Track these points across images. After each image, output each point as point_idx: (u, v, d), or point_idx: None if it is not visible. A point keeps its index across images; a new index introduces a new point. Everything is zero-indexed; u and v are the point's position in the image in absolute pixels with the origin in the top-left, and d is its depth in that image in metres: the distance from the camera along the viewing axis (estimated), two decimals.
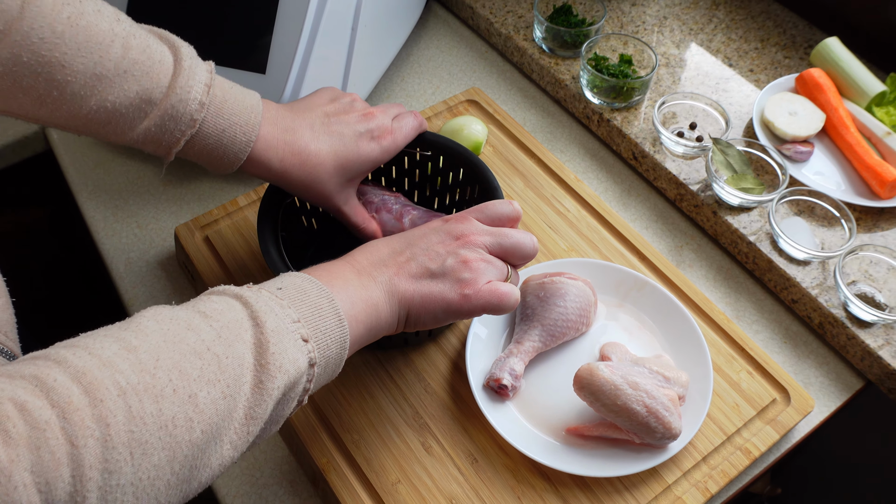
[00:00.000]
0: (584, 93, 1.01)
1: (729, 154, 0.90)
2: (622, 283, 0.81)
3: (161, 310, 0.47)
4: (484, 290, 0.59)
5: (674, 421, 0.67)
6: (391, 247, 0.61)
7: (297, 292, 0.53)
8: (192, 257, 0.83)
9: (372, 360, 0.76)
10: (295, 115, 0.69)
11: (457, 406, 0.74)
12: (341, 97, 0.72)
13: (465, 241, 0.61)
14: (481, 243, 0.61)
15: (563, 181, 0.92)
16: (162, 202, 0.93)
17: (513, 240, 0.62)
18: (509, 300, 0.60)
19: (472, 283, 0.59)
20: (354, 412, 0.73)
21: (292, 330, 0.50)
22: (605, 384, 0.67)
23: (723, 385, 0.76)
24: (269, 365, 0.48)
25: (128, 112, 0.61)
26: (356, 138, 0.69)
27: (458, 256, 0.60)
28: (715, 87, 1.03)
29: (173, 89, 0.62)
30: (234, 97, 0.65)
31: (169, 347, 0.44)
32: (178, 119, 0.62)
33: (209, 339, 0.46)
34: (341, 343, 0.54)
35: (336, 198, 0.71)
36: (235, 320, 0.48)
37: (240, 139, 0.65)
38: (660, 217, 0.94)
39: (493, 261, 0.61)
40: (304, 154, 0.67)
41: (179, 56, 0.63)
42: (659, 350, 0.77)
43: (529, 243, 0.63)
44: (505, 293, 0.60)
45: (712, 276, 0.88)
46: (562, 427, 0.71)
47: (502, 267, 0.62)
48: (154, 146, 0.64)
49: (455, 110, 0.99)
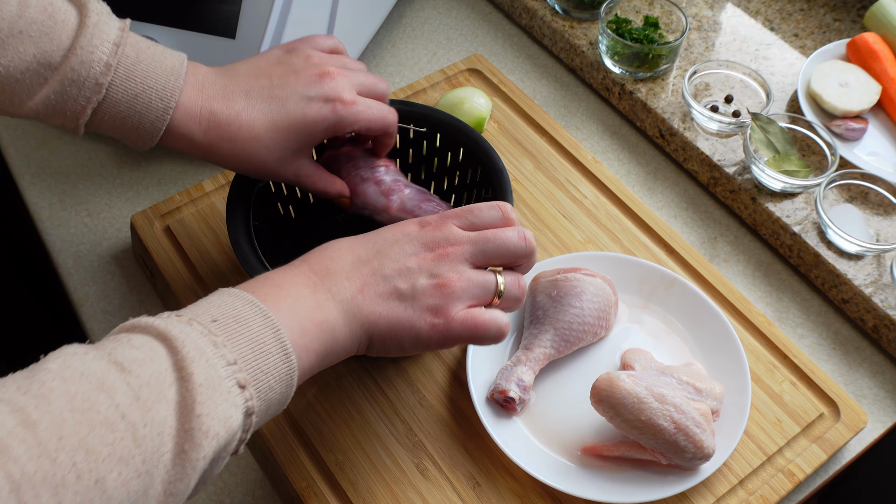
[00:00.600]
0: (603, 61, 1.01)
1: (770, 132, 0.90)
2: (647, 281, 0.80)
3: (71, 360, 0.45)
4: (457, 319, 0.58)
5: (706, 439, 0.67)
6: (356, 253, 0.59)
7: (236, 323, 0.51)
8: (151, 250, 0.82)
9: (358, 368, 0.76)
10: (229, 79, 0.67)
11: (456, 422, 0.73)
12: (294, 54, 0.69)
13: (442, 255, 0.59)
14: (461, 256, 0.59)
15: (578, 163, 0.92)
16: (116, 187, 0.93)
17: (497, 241, 0.60)
18: (488, 332, 0.58)
19: (444, 311, 0.58)
20: (338, 429, 0.72)
21: (226, 376, 0.48)
22: (626, 397, 0.66)
23: (762, 398, 0.76)
24: (195, 431, 0.46)
25: (23, 77, 0.61)
26: (303, 102, 0.66)
27: (431, 275, 0.58)
28: (754, 55, 1.02)
29: (74, 50, 0.61)
30: (151, 57, 0.64)
31: (75, 419, 0.42)
32: (80, 84, 0.62)
33: (125, 402, 0.44)
34: (287, 381, 0.52)
35: (283, 172, 0.69)
36: (157, 373, 0.46)
37: (156, 105, 0.64)
38: (690, 204, 0.94)
39: (473, 277, 0.59)
40: (234, 126, 0.65)
41: (86, 12, 0.62)
42: (689, 358, 0.77)
43: (518, 240, 0.60)
44: (482, 324, 0.58)
45: (751, 272, 0.88)
46: (577, 446, 0.71)
47: (487, 282, 0.60)
48: (59, 117, 0.63)
49: (454, 81, 0.99)
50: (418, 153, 0.82)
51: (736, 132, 0.94)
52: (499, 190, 0.74)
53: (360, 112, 0.68)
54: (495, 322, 0.59)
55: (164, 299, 0.83)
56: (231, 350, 0.50)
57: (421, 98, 0.97)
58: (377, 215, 0.78)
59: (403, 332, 0.58)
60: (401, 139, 0.81)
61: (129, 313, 0.83)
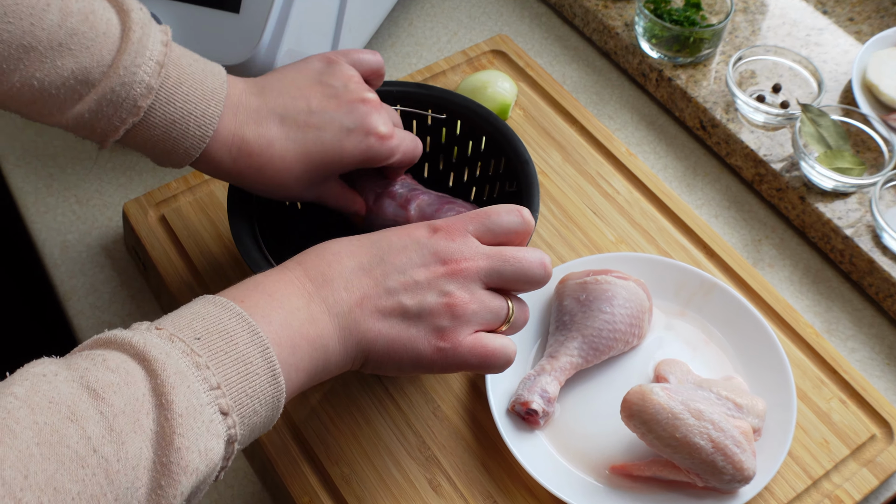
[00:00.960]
0: (639, 44, 1.01)
1: (821, 125, 0.90)
2: (684, 286, 0.80)
3: (39, 385, 0.44)
4: (465, 345, 0.57)
5: (746, 459, 0.67)
6: (357, 258, 0.58)
7: (221, 339, 0.50)
8: (145, 241, 0.83)
9: (367, 374, 0.76)
10: (264, 99, 0.67)
11: (473, 435, 0.73)
12: (334, 73, 0.69)
13: (455, 270, 0.58)
14: (475, 273, 0.58)
15: (611, 155, 0.92)
16: (108, 172, 0.93)
17: (516, 265, 0.59)
18: (497, 360, 0.58)
19: (452, 335, 0.57)
20: (345, 440, 0.72)
21: (208, 403, 0.48)
22: (660, 412, 0.66)
23: (809, 416, 0.75)
24: (173, 465, 0.45)
25: (59, 93, 0.61)
26: (342, 134, 0.67)
27: (442, 292, 0.57)
28: (805, 40, 1.02)
29: (116, 69, 0.61)
30: (192, 78, 0.64)
31: (43, 454, 0.41)
32: (118, 105, 0.62)
33: (97, 434, 0.43)
34: (274, 404, 0.52)
35: (307, 195, 0.70)
36: (133, 400, 0.45)
37: (193, 133, 0.64)
38: (733, 203, 0.94)
39: (486, 301, 0.58)
40: (266, 156, 0.66)
41: (128, 24, 0.62)
42: (729, 370, 0.77)
43: (538, 267, 0.59)
44: (493, 353, 0.58)
45: (797, 278, 0.88)
46: (605, 465, 0.71)
47: (499, 308, 0.59)
48: (87, 131, 0.63)
49: (476, 63, 0.99)
50: (436, 141, 0.82)
51: (784, 125, 0.94)
52: (524, 183, 0.74)
53: (395, 147, 0.69)
54: (505, 351, 0.58)
55: (158, 294, 0.84)
56: (215, 372, 0.49)
57: (440, 81, 0.97)
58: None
59: (403, 354, 0.57)
60: (418, 126, 0.81)
61: (119, 309, 0.83)
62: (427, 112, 0.80)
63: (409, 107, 0.80)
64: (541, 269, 0.60)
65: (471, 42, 1.06)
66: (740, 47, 1.01)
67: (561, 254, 0.84)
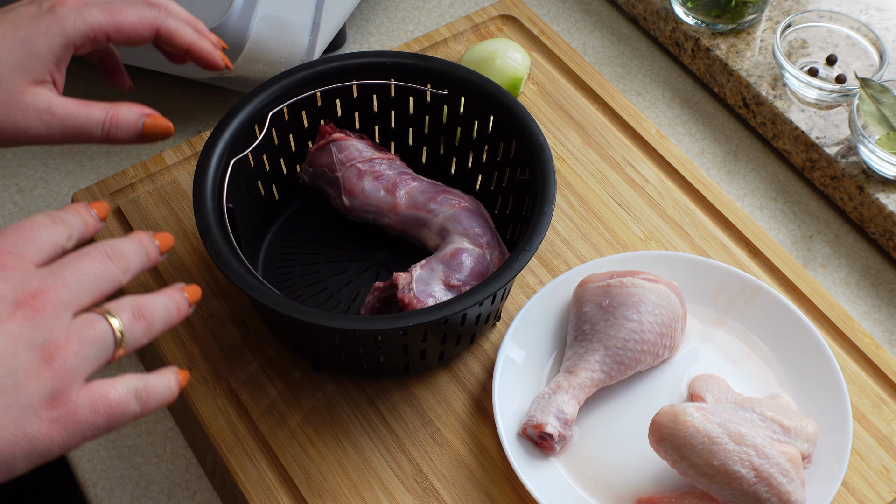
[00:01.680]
0: (673, 8, 1.01)
1: (883, 102, 0.90)
2: (724, 289, 0.81)
3: None
4: (82, 405, 0.49)
5: (794, 490, 0.67)
6: None
7: None
8: (97, 237, 0.83)
9: (355, 391, 0.77)
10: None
11: (478, 462, 0.74)
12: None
13: (37, 309, 0.49)
14: (58, 303, 0.50)
15: (639, 137, 0.92)
16: (54, 157, 0.93)
17: (84, 271, 0.52)
18: (128, 410, 0.51)
19: (63, 397, 0.49)
20: (329, 468, 0.73)
21: None
22: (695, 436, 0.67)
23: (866, 440, 0.76)
24: None
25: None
26: (31, 19, 0.62)
27: (31, 345, 0.49)
28: (864, 5, 1.02)
29: None
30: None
31: None
32: None
33: None
34: None
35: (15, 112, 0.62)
36: None
37: None
38: (780, 193, 0.94)
39: (84, 334, 0.51)
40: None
41: None
42: (775, 387, 0.77)
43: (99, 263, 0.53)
44: (118, 403, 0.51)
45: (855, 280, 0.88)
46: (630, 496, 0.72)
47: (101, 336, 0.51)
48: None
49: (484, 30, 0.99)
50: (436, 122, 0.82)
51: (840, 102, 0.94)
52: (538, 170, 0.74)
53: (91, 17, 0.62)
54: (131, 394, 0.52)
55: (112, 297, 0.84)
56: None
57: (441, 52, 0.98)
58: (383, 218, 0.78)
59: (11, 450, 0.48)
60: (414, 104, 0.82)
61: None
62: (426, 87, 0.80)
63: (405, 81, 0.80)
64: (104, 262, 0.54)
65: (477, 6, 1.06)
66: (789, 12, 1.01)
67: (581, 252, 0.85)
